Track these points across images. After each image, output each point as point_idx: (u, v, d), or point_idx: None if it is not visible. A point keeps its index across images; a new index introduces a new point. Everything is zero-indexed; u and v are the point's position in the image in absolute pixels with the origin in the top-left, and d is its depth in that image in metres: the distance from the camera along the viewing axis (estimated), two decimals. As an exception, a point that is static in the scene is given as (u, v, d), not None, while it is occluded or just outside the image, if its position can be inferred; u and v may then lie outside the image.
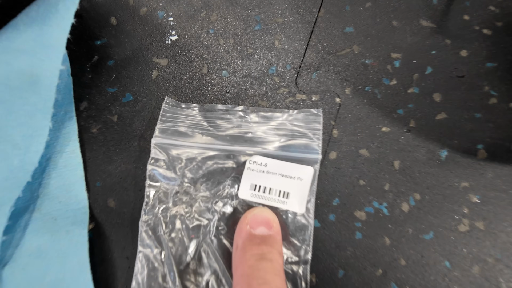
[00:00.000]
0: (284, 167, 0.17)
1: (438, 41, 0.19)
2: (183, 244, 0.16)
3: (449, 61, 0.19)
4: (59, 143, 0.18)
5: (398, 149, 0.18)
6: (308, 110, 0.18)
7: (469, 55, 0.19)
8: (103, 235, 0.17)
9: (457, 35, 0.19)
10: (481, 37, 0.19)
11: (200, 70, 0.19)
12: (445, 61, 0.19)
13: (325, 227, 0.17)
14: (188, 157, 0.17)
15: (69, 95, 0.19)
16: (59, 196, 0.18)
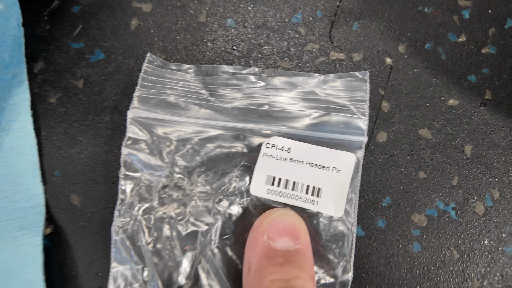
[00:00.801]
0: (315, 154, 0.13)
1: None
2: (173, 259, 0.12)
3: None
4: (4, 117, 0.14)
5: (470, 130, 0.13)
6: (348, 74, 0.13)
7: None
8: (64, 243, 0.13)
9: None
10: None
11: (196, 18, 0.14)
12: None
13: (372, 237, 0.13)
14: (180, 137, 0.13)
15: (18, 53, 0.14)
16: (3, 189, 0.13)
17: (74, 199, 0.13)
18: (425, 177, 0.13)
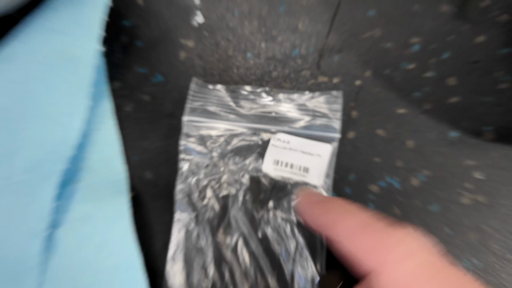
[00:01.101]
0: (305, 144, 0.19)
1: (457, 26, 0.21)
2: (214, 210, 0.19)
3: (466, 47, 0.21)
4: (96, 120, 0.21)
5: (412, 130, 0.20)
6: (329, 93, 0.20)
7: (486, 41, 0.21)
8: (142, 204, 0.20)
9: (476, 21, 0.21)
10: (499, 23, 0.21)
11: (225, 52, 0.21)
12: (462, 47, 0.21)
13: (343, 197, 0.19)
14: (216, 134, 0.20)
15: (102, 75, 0.21)
16: (100, 169, 0.20)
17: (147, 175, 0.20)
18: (379, 161, 0.20)
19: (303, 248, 0.19)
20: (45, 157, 0.19)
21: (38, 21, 0.20)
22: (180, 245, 0.19)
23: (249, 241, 0.19)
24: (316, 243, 0.19)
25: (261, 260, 0.19)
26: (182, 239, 0.19)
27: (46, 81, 0.19)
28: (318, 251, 0.19)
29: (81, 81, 0.19)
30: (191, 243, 0.19)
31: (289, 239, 0.19)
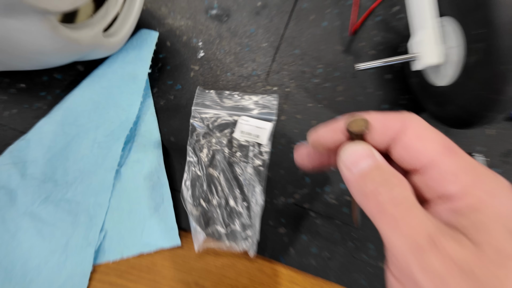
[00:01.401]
0: (258, 122, 0.36)
1: (344, 57, 0.38)
2: (208, 157, 0.36)
3: (349, 69, 0.38)
4: (144, 109, 0.37)
5: (316, 115, 0.37)
6: (271, 95, 0.37)
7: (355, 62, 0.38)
8: (169, 153, 0.36)
9: (356, 54, 0.38)
10: (370, 55, 0.38)
11: (216, 72, 0.38)
12: (347, 69, 0.38)
13: (276, 151, 0.36)
14: (210, 116, 0.36)
15: (148, 84, 0.38)
16: (146, 135, 0.37)
17: (172, 138, 0.37)
18: (297, 132, 0.36)
19: (252, 177, 0.35)
20: (116, 128, 0.36)
21: (118, 56, 0.37)
22: (189, 174, 0.35)
23: (226, 172, 0.35)
24: (260, 175, 0.35)
25: (231, 182, 0.35)
26: (189, 171, 0.35)
27: (120, 87, 0.36)
28: (261, 179, 0.35)
29: (138, 88, 0.36)
30: (194, 173, 0.35)
31: (245, 173, 0.35)
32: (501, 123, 0.36)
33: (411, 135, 0.16)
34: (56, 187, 0.35)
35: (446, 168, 0.15)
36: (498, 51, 0.23)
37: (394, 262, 0.15)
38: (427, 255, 0.13)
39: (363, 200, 0.15)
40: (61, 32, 0.24)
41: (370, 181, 0.15)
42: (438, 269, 0.13)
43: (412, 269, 0.13)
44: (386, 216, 0.14)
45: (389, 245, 0.14)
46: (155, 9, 0.39)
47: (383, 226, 0.14)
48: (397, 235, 0.14)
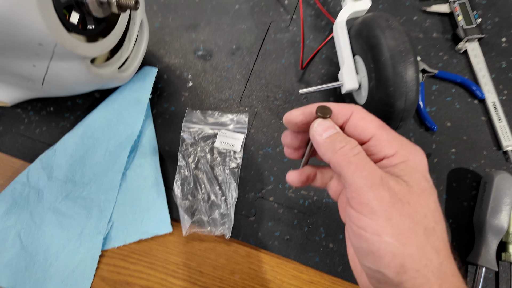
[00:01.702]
0: (233, 134, 0.47)
1: (298, 85, 0.50)
2: (194, 162, 0.46)
3: (299, 94, 0.49)
4: (145, 125, 0.48)
5: (277, 127, 0.48)
6: (243, 114, 0.48)
7: (308, 95, 0.50)
8: (164, 159, 0.47)
9: (307, 83, 0.50)
10: (316, 84, 0.50)
11: (201, 97, 0.50)
12: (300, 94, 0.49)
13: (247, 156, 0.47)
14: (195, 130, 0.48)
15: (149, 107, 0.50)
16: (146, 145, 0.47)
17: (167, 147, 0.47)
18: (264, 140, 0.47)
19: (229, 177, 0.46)
20: (124, 140, 0.47)
21: (127, 86, 0.48)
22: (179, 175, 0.46)
23: (208, 173, 0.46)
24: (235, 175, 0.46)
25: (212, 181, 0.45)
26: (180, 173, 0.46)
27: (128, 109, 0.47)
28: (236, 178, 0.46)
29: (141, 110, 0.48)
30: (184, 175, 0.46)
31: (224, 173, 0.46)
32: (422, 133, 0.47)
33: (358, 117, 0.24)
34: (75, 187, 0.46)
35: (383, 138, 0.23)
36: (384, 78, 0.35)
37: (354, 197, 0.20)
38: (379, 189, 0.20)
39: (332, 155, 0.21)
40: (92, 70, 0.35)
41: (338, 142, 0.22)
42: (387, 198, 0.19)
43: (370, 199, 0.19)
44: (351, 164, 0.20)
45: (352, 185, 0.20)
46: (155, 51, 0.51)
47: (348, 171, 0.20)
48: (359, 177, 0.20)
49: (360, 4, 0.42)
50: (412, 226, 0.20)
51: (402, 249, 0.19)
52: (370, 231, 0.20)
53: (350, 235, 0.22)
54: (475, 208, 0.44)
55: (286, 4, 0.55)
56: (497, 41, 0.52)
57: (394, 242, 0.19)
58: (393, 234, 0.19)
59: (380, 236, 0.19)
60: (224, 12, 0.54)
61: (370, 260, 0.20)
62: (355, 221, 0.20)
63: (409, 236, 0.19)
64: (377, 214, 0.20)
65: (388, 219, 0.19)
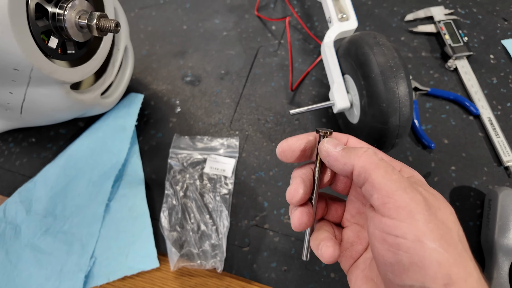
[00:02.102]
0: (223, 159, 0.45)
1: (289, 107, 0.49)
2: (182, 189, 0.44)
3: (289, 116, 0.48)
4: (131, 153, 0.47)
5: (268, 150, 0.46)
6: (234, 138, 0.47)
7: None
8: (150, 188, 0.45)
9: (298, 105, 0.49)
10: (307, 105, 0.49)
11: (190, 122, 0.49)
12: (292, 115, 0.48)
13: (239, 181, 0.45)
14: (183, 156, 0.46)
15: (134, 134, 0.48)
16: (132, 174, 0.45)
17: (153, 176, 0.45)
18: (256, 164, 0.45)
19: (220, 204, 0.43)
20: (108, 169, 0.45)
21: (111, 113, 0.47)
22: (166, 205, 0.43)
23: (197, 201, 0.43)
24: (227, 202, 0.43)
25: (202, 209, 0.43)
26: (167, 202, 0.43)
27: (112, 137, 0.46)
28: (227, 205, 0.43)
29: (126, 137, 0.46)
30: (171, 204, 0.43)
31: (215, 201, 0.43)
32: (420, 152, 0.46)
33: (355, 141, 0.25)
34: (55, 221, 0.43)
35: (385, 157, 0.24)
36: (376, 94, 0.34)
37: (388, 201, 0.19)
38: (414, 192, 0.19)
39: (358, 159, 0.21)
40: (72, 95, 0.34)
41: (357, 149, 0.22)
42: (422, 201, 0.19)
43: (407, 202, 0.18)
44: (380, 168, 0.20)
45: (384, 189, 0.19)
46: (142, 78, 0.51)
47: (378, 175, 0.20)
48: (390, 180, 0.19)
49: (347, 25, 0.42)
50: (448, 232, 0.18)
51: (447, 256, 0.17)
52: (411, 238, 0.18)
53: (380, 254, 0.19)
54: (481, 227, 0.42)
55: (274, 29, 0.55)
56: (486, 58, 0.53)
57: (438, 248, 0.17)
58: (435, 239, 0.18)
59: (422, 243, 0.18)
60: (212, 39, 0.55)
61: (413, 275, 0.18)
62: (392, 230, 0.19)
63: (449, 242, 0.18)
64: (416, 218, 0.18)
65: (427, 223, 0.18)
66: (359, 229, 0.26)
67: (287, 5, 0.57)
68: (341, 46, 0.40)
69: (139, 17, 0.56)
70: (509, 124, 0.47)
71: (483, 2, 0.58)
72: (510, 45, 0.53)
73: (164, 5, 0.57)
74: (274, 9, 0.57)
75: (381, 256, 0.19)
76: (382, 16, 0.56)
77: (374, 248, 0.20)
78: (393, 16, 0.56)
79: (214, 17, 0.56)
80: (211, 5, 0.57)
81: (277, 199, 0.44)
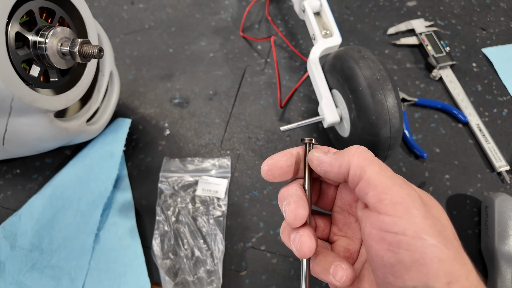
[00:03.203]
0: (215, 180, 0.44)
1: (279, 124, 0.49)
2: (174, 214, 0.43)
3: (278, 132, 0.48)
4: (120, 180, 0.45)
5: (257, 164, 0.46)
6: (226, 158, 0.46)
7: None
8: (141, 214, 0.43)
9: (288, 121, 0.49)
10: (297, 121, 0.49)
11: (180, 144, 0.48)
12: (282, 132, 0.48)
13: (233, 202, 0.44)
14: (174, 179, 0.45)
15: (123, 160, 0.47)
16: (121, 201, 0.44)
17: (143, 202, 0.44)
18: (249, 183, 0.44)
19: (213, 227, 0.42)
20: (96, 198, 0.43)
21: (98, 139, 0.46)
22: (158, 231, 0.42)
23: (190, 226, 0.42)
24: (221, 225, 0.42)
25: (196, 234, 0.41)
26: (158, 228, 0.42)
27: (100, 164, 0.44)
28: (221, 228, 0.42)
29: (114, 163, 0.45)
30: (163, 230, 0.42)
31: (208, 224, 0.42)
32: (412, 162, 0.46)
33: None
34: (42, 255, 0.41)
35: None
36: (364, 107, 0.34)
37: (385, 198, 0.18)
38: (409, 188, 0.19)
39: (352, 157, 0.20)
40: (56, 124, 0.33)
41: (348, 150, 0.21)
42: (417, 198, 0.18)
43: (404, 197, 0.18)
44: (375, 163, 0.19)
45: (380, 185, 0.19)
46: (129, 103, 0.50)
47: (373, 171, 0.19)
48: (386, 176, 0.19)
49: (331, 41, 0.42)
50: (444, 229, 0.18)
51: (447, 253, 0.17)
52: (411, 234, 0.17)
53: (378, 255, 0.19)
54: (480, 235, 0.41)
55: (259, 49, 0.56)
56: (469, 67, 0.54)
57: (438, 244, 0.17)
58: (434, 235, 0.17)
59: (423, 239, 0.17)
60: (198, 61, 0.55)
61: (415, 275, 0.17)
62: (390, 227, 0.18)
63: (447, 238, 0.18)
64: (413, 214, 0.18)
65: (425, 219, 0.18)
66: (348, 242, 0.25)
67: (272, 25, 0.58)
68: (327, 61, 0.41)
69: (124, 42, 0.56)
70: (498, 129, 0.48)
71: (460, 13, 0.60)
72: (491, 53, 0.54)
73: (149, 30, 0.58)
74: (259, 29, 0.58)
75: (379, 257, 0.19)
76: (365, 31, 0.57)
77: (372, 250, 0.19)
78: (375, 31, 0.57)
79: (200, 39, 0.57)
80: (196, 28, 0.58)
81: (273, 218, 0.43)
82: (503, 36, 0.57)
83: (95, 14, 0.59)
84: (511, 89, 0.51)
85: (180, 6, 0.60)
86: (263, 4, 0.60)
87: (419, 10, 0.60)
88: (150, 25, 0.58)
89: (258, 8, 0.60)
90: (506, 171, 0.44)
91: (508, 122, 0.48)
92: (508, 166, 0.44)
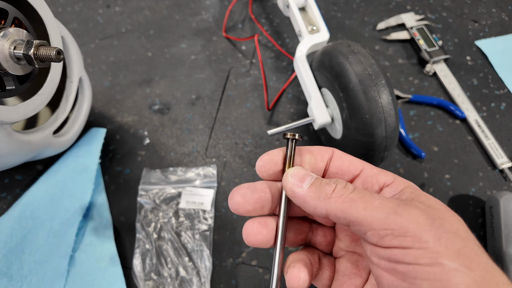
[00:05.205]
0: (200, 191, 0.41)
1: (268, 128, 0.46)
2: (155, 230, 0.39)
3: (272, 136, 0.45)
4: (96, 195, 0.42)
5: (250, 175, 0.43)
6: (211, 166, 0.43)
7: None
8: (119, 232, 0.40)
9: (276, 124, 0.46)
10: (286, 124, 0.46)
11: (161, 154, 0.45)
12: (271, 136, 0.45)
13: (220, 214, 0.40)
14: (155, 192, 0.41)
15: (99, 173, 0.43)
16: (98, 219, 0.40)
17: (122, 218, 0.40)
18: (236, 195, 0.41)
19: (199, 243, 0.39)
20: (71, 216, 0.40)
21: (71, 152, 0.43)
22: (139, 250, 0.38)
23: (174, 242, 0.38)
24: (207, 240, 0.39)
25: (180, 251, 0.38)
26: (139, 247, 0.38)
27: (73, 178, 0.41)
28: (208, 243, 0.38)
29: (89, 177, 0.41)
30: (144, 248, 0.38)
31: (194, 239, 0.39)
32: (410, 162, 0.43)
33: (340, 153, 0.22)
34: (11, 282, 0.37)
35: (374, 169, 0.21)
36: (357, 106, 0.31)
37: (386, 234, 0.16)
38: (408, 210, 0.16)
39: (327, 202, 0.18)
40: (15, 137, 0.30)
41: (326, 185, 0.18)
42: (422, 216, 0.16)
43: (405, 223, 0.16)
44: (355, 201, 0.17)
45: (373, 222, 0.16)
46: (105, 111, 0.47)
47: (357, 211, 0.17)
48: (374, 209, 0.17)
49: (318, 37, 0.40)
50: (464, 244, 0.16)
51: (473, 276, 0.15)
52: (426, 262, 0.15)
53: (392, 285, 0.16)
54: (486, 238, 0.38)
55: (244, 49, 0.53)
56: (463, 60, 0.52)
57: (460, 267, 0.15)
58: (453, 257, 0.15)
59: (442, 265, 0.15)
60: (179, 64, 0.52)
61: None
62: (401, 258, 0.16)
63: (470, 257, 0.15)
64: (423, 238, 0.15)
65: (438, 240, 0.15)
66: (357, 258, 0.22)
67: (256, 24, 0.55)
68: (314, 59, 0.38)
69: (100, 48, 0.53)
70: (497, 124, 0.46)
71: (450, 6, 0.58)
72: (484, 46, 0.53)
73: (126, 34, 0.55)
74: (243, 29, 0.55)
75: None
76: (354, 27, 0.55)
77: (384, 280, 0.16)
78: (364, 26, 0.55)
79: (180, 41, 0.54)
80: (176, 30, 0.55)
81: (263, 230, 0.40)
82: (496, 28, 0.55)
83: (68, 19, 0.56)
84: (507, 82, 0.49)
85: (158, 8, 0.58)
86: (246, 3, 0.58)
87: (408, 4, 0.58)
88: (127, 29, 0.55)
89: (241, 7, 0.57)
90: (509, 168, 0.42)
91: (507, 116, 0.46)
92: (510, 162, 0.42)
